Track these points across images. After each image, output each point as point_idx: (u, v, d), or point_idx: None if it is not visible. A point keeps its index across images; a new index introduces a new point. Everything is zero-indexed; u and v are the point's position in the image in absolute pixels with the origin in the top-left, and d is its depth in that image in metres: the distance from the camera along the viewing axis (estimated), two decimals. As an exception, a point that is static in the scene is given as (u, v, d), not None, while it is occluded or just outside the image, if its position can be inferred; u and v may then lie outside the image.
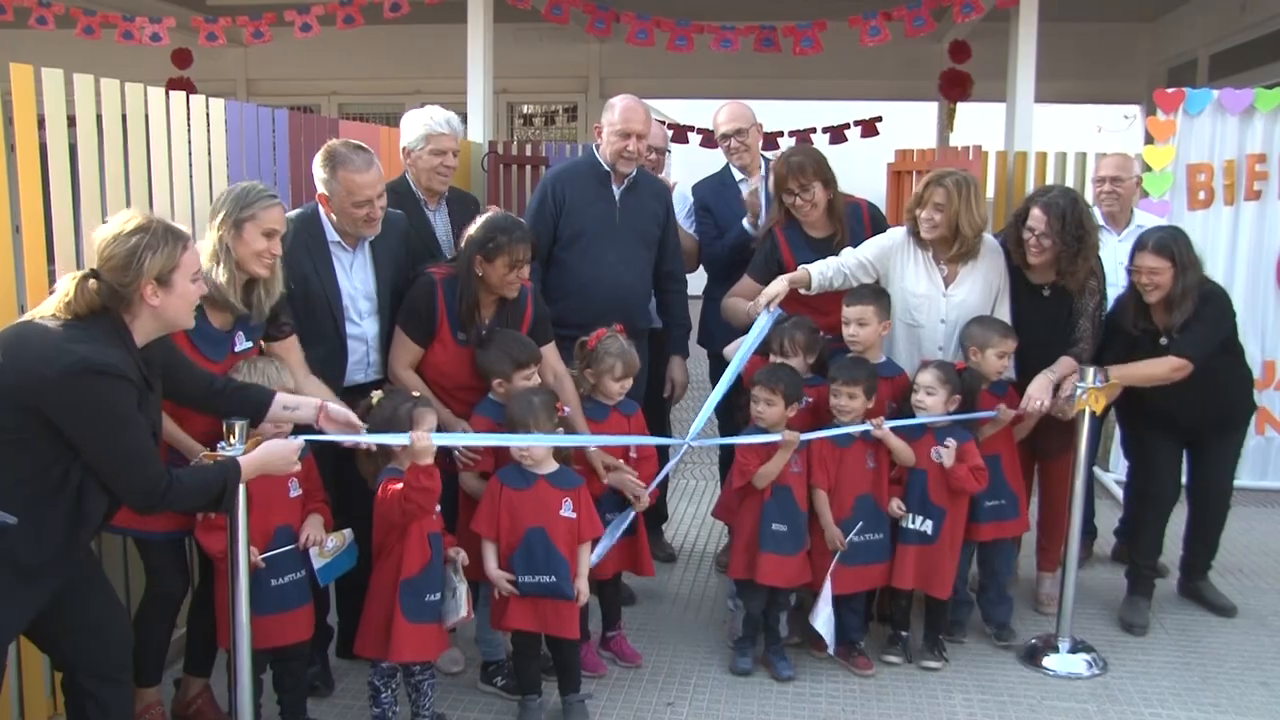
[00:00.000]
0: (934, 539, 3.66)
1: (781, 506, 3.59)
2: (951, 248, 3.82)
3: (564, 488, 3.27)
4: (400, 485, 2.96)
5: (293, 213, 3.51)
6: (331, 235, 3.40)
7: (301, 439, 2.74)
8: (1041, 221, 3.74)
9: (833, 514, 3.63)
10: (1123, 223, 4.61)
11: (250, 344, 3.08)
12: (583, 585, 3.27)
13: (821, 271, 3.84)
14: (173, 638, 3.23)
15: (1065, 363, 3.82)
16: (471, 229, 3.44)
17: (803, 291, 3.84)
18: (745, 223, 4.40)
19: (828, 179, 3.98)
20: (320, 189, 3.36)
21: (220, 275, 2.92)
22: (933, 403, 3.64)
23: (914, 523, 3.66)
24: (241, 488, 2.61)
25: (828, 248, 3.99)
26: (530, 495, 3.22)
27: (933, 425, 3.66)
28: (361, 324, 3.46)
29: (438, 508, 3.12)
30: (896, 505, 3.68)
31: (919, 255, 3.89)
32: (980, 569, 4.05)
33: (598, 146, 4.11)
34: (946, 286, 3.87)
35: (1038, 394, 3.73)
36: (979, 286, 3.87)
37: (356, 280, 3.45)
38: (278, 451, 2.64)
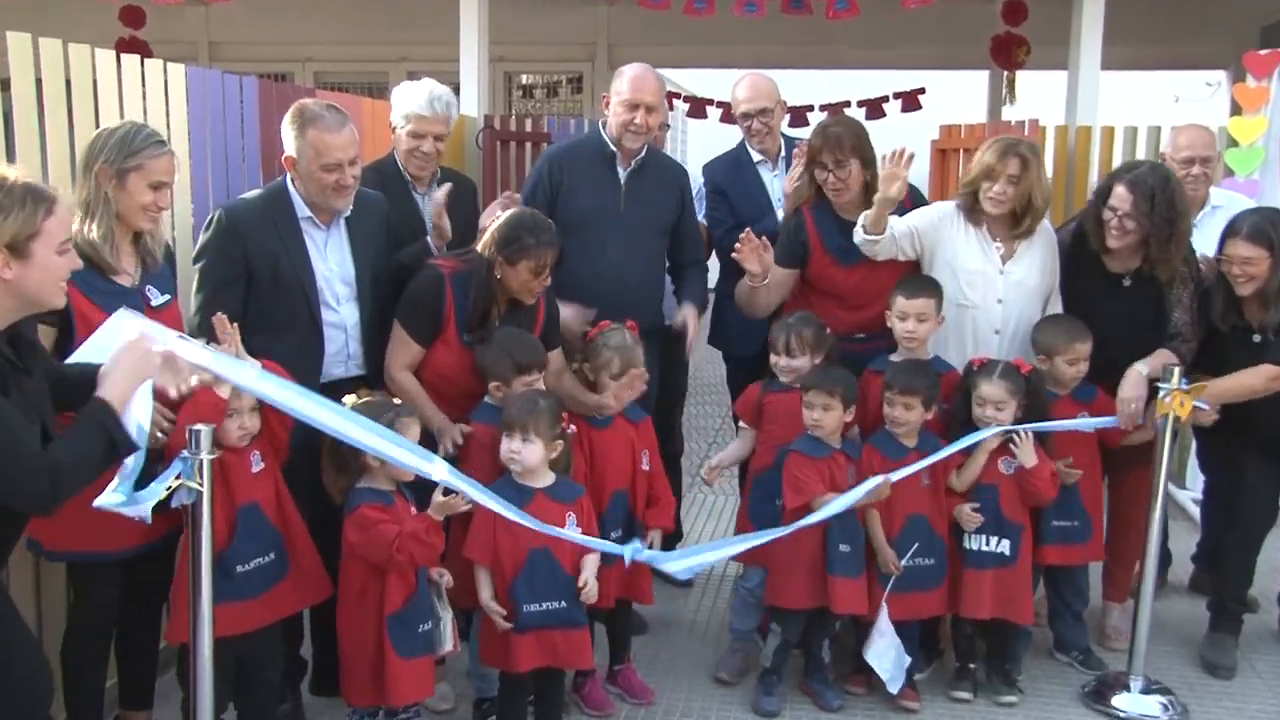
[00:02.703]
0: (1013, 560, 3.65)
1: (846, 525, 3.55)
2: (1021, 223, 3.82)
3: (565, 501, 3.24)
4: (374, 510, 2.93)
5: (254, 191, 3.51)
6: (302, 211, 3.37)
7: (150, 329, 2.53)
8: (1126, 201, 3.67)
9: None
10: (1198, 205, 4.45)
11: (168, 296, 3.07)
12: (589, 575, 3.19)
13: (891, 233, 3.82)
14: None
15: (1162, 355, 3.74)
16: (494, 226, 3.43)
17: (867, 235, 3.79)
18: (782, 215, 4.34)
19: (867, 157, 3.93)
20: (288, 151, 3.33)
21: (94, 230, 2.89)
22: (1004, 418, 3.62)
23: (989, 544, 3.65)
24: (205, 470, 2.51)
25: None
26: (530, 512, 3.15)
27: (1000, 435, 3.64)
28: (339, 310, 3.42)
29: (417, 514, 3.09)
30: (970, 512, 3.63)
31: (970, 230, 3.88)
32: (1049, 592, 4.02)
33: (604, 123, 4.07)
34: (1004, 264, 3.85)
35: (1131, 393, 3.67)
36: (1036, 267, 3.86)
37: (332, 262, 3.42)
38: (128, 356, 2.38)
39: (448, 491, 2.91)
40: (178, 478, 2.51)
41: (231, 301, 3.24)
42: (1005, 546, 3.64)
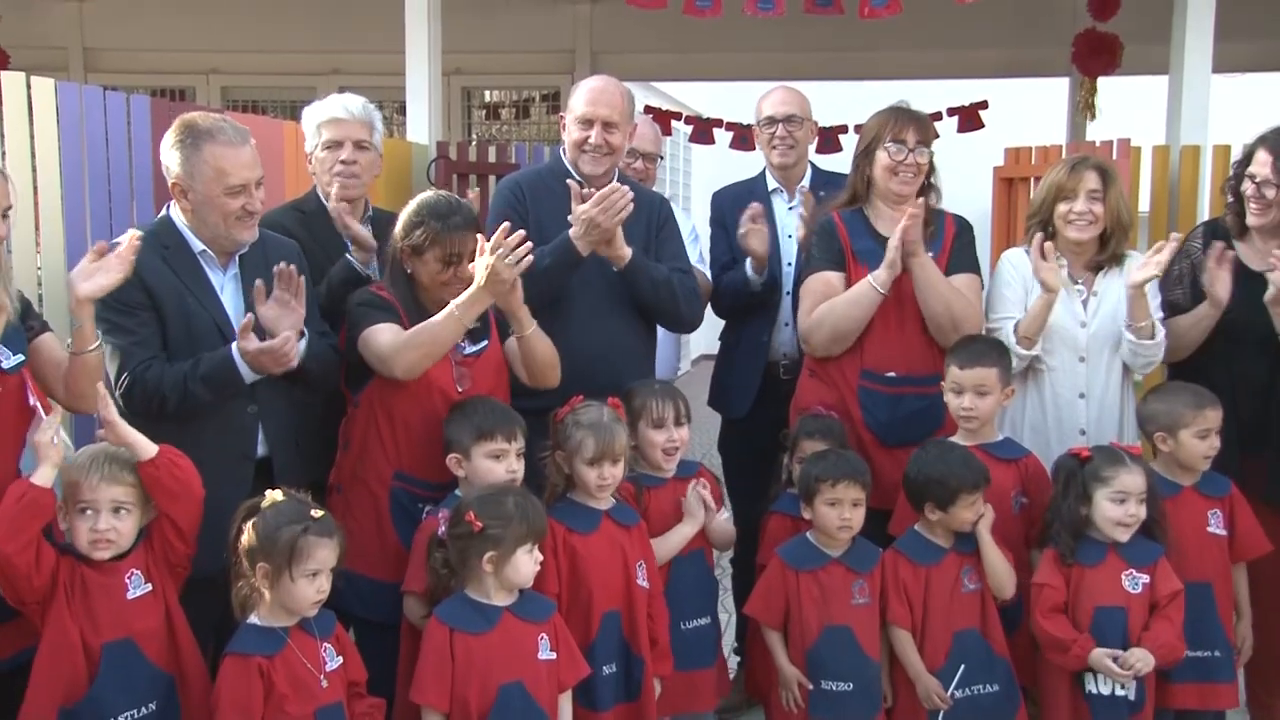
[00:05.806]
0: (1140, 704, 3.58)
1: (838, 654, 3.59)
2: (1105, 248, 4.02)
3: (537, 620, 3.26)
4: (240, 670, 2.88)
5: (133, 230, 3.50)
6: (195, 245, 3.46)
7: None
8: (1265, 165, 3.80)
9: (925, 661, 3.62)
10: None
11: (20, 358, 3.05)
12: None
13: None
14: None
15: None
16: (401, 215, 3.61)
17: (1136, 340, 3.94)
18: (748, 269, 4.53)
19: (933, 162, 4.12)
20: (175, 176, 3.39)
21: None
22: (1144, 514, 3.59)
23: (1119, 687, 3.55)
24: None
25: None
26: (497, 639, 3.18)
27: (1115, 544, 3.62)
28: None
29: (333, 662, 3.03)
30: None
31: None
32: None
33: (564, 150, 4.24)
34: (1086, 311, 4.01)
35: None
36: (1124, 310, 3.96)
37: (231, 309, 3.49)
38: None
39: None
40: None
41: (142, 328, 3.29)
42: (1131, 689, 3.58)
